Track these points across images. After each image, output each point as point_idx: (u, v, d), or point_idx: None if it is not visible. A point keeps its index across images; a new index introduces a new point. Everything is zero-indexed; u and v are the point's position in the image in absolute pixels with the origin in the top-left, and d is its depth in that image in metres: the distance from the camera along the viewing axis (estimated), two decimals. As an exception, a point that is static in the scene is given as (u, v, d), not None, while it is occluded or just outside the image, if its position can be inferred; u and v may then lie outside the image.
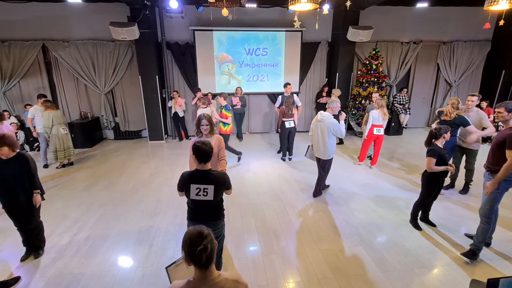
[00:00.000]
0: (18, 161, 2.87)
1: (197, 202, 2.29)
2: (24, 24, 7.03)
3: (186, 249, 1.34)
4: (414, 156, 6.40)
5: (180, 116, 7.73)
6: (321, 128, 4.17)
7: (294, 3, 3.23)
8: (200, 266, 1.35)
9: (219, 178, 2.28)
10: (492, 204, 2.95)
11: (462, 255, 3.12)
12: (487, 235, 3.04)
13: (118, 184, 5.12)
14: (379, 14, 7.81)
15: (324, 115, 4.16)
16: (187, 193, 2.30)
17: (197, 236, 1.34)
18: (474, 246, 3.07)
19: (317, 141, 4.27)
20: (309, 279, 2.85)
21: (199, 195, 2.25)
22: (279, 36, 7.83)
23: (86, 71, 7.50)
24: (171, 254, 3.22)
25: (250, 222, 3.87)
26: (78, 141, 7.26)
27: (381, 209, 4.19)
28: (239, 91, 7.57)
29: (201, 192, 2.24)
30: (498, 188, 2.87)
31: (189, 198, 2.32)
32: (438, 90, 9.02)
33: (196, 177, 2.26)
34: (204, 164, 2.26)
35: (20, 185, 2.90)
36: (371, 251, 3.26)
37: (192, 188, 2.24)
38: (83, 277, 2.89)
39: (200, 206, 2.33)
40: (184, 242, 1.36)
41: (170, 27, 7.46)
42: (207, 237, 1.35)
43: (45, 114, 5.48)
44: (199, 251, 1.30)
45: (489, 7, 3.55)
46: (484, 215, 3.00)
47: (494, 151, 2.91)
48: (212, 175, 2.26)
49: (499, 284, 1.77)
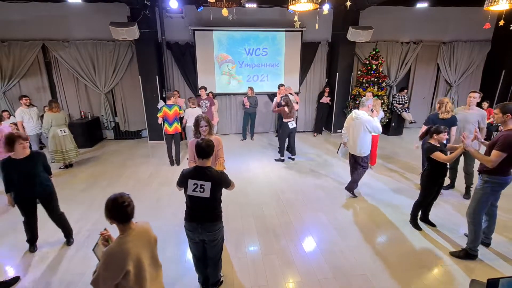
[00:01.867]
0: (36, 158, 3.04)
1: (194, 199, 2.32)
2: (24, 24, 7.03)
3: (112, 209, 1.65)
4: (414, 156, 6.40)
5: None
6: (356, 126, 4.20)
7: (294, 3, 3.23)
8: (124, 220, 1.67)
9: (216, 176, 2.32)
10: (475, 205, 2.96)
11: (451, 254, 3.15)
12: (476, 236, 3.01)
13: (118, 184, 5.12)
14: (379, 14, 7.81)
15: (359, 113, 4.21)
16: (186, 188, 2.34)
17: (120, 196, 1.68)
18: (467, 246, 3.10)
19: (352, 139, 4.32)
20: (309, 279, 2.85)
21: (196, 191, 2.29)
22: (279, 36, 7.83)
23: (86, 71, 7.49)
24: (171, 254, 3.22)
25: (250, 222, 3.87)
26: (78, 141, 7.19)
27: (381, 209, 4.19)
28: (250, 91, 7.55)
29: (198, 188, 2.28)
30: (483, 191, 2.89)
31: (186, 194, 2.36)
32: (438, 90, 9.02)
33: (195, 173, 2.31)
34: (203, 160, 2.31)
35: (38, 180, 3.06)
36: (371, 251, 3.26)
37: (189, 183, 2.29)
38: (83, 277, 2.89)
39: (197, 204, 2.35)
40: (109, 204, 1.66)
41: (170, 27, 7.45)
42: (128, 196, 1.70)
43: (45, 115, 5.53)
44: (124, 206, 1.65)
45: (489, 7, 3.55)
46: (468, 215, 3.05)
47: (487, 153, 2.88)
48: (210, 172, 2.30)
49: (499, 284, 1.77)
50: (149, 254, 1.72)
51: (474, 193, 3.01)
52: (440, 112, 4.26)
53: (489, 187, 2.88)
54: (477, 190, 2.98)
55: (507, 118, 2.75)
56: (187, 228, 2.47)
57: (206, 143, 2.26)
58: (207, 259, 2.59)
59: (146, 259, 1.68)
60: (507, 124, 2.80)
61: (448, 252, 3.20)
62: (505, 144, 2.67)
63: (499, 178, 2.84)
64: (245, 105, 7.50)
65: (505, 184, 2.88)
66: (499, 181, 2.85)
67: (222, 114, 8.27)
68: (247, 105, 7.47)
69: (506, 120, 2.77)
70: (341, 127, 4.88)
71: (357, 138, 4.23)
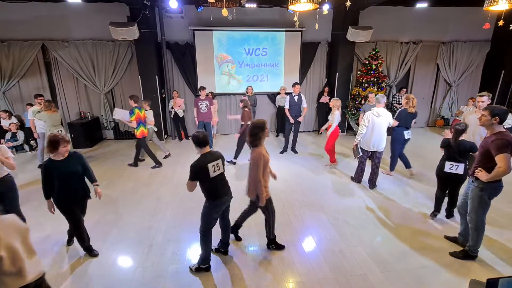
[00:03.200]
0: (75, 159, 3.06)
1: (216, 179, 2.72)
2: (23, 24, 7.02)
3: None
4: (414, 156, 6.38)
5: (180, 116, 7.73)
6: (382, 123, 4.48)
7: (294, 3, 3.23)
8: None
9: (218, 153, 2.80)
10: (475, 212, 2.90)
11: (450, 254, 3.15)
12: (479, 239, 2.98)
13: (118, 184, 5.12)
14: (379, 14, 7.82)
15: (381, 111, 4.46)
16: (205, 177, 2.64)
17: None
18: (467, 247, 3.09)
19: (378, 136, 4.51)
20: (309, 279, 2.85)
21: (215, 171, 2.69)
22: (279, 36, 7.83)
23: (86, 71, 7.49)
24: (171, 254, 3.22)
25: (250, 222, 3.86)
26: (78, 141, 7.26)
27: (381, 209, 4.19)
28: (250, 90, 7.54)
29: (216, 167, 2.69)
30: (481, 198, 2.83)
31: (208, 180, 2.67)
32: (438, 90, 9.03)
33: (207, 159, 2.67)
34: (204, 148, 2.70)
35: (80, 181, 3.11)
36: (371, 251, 3.26)
37: (209, 167, 2.64)
38: (83, 277, 2.89)
39: (219, 181, 2.78)
40: None
41: (170, 27, 7.45)
42: None
43: (41, 114, 5.49)
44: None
45: (488, 7, 3.56)
46: (470, 222, 3.00)
47: (479, 159, 2.84)
48: (215, 153, 2.77)
49: (499, 284, 1.77)
50: (21, 242, 1.86)
51: (472, 200, 2.92)
52: (408, 107, 4.84)
53: (486, 194, 2.81)
54: (474, 197, 2.89)
55: (495, 121, 2.67)
56: (222, 203, 2.83)
57: (202, 134, 2.68)
58: (225, 224, 3.09)
59: (18, 246, 1.83)
60: (493, 128, 2.70)
61: (447, 252, 3.20)
62: (502, 145, 2.58)
63: (494, 185, 2.78)
64: None
65: (500, 189, 2.82)
66: (495, 187, 2.79)
67: (222, 114, 8.26)
68: None
69: (493, 124, 2.68)
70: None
71: (383, 134, 4.52)
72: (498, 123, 2.67)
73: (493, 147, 2.63)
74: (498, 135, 2.65)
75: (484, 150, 2.77)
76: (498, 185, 2.80)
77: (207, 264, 2.93)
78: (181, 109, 7.70)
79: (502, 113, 2.65)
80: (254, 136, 2.80)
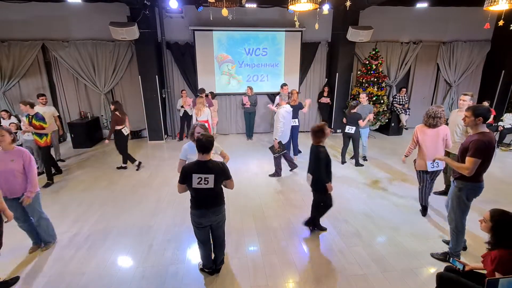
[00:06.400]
0: None
1: (199, 190, 2.50)
2: (23, 24, 7.03)
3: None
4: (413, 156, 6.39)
5: (189, 114, 7.48)
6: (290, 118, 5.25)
7: (294, 3, 3.23)
8: None
9: (217, 168, 2.50)
10: (455, 213, 2.90)
11: (431, 255, 3.14)
12: (458, 242, 2.97)
13: (118, 184, 5.12)
14: (379, 14, 7.82)
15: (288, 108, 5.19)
16: (189, 183, 2.47)
17: None
18: (448, 250, 3.08)
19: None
20: (309, 279, 2.85)
21: (200, 184, 2.46)
22: (279, 36, 7.84)
23: (86, 71, 7.50)
24: (171, 254, 3.22)
25: (250, 222, 3.87)
26: (78, 141, 7.26)
27: (381, 209, 4.19)
28: (249, 90, 7.55)
29: (202, 181, 2.45)
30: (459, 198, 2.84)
31: (191, 188, 2.50)
32: (438, 90, 9.03)
33: (197, 168, 2.46)
34: (204, 155, 2.47)
35: None
36: (371, 251, 3.26)
37: (193, 177, 2.44)
38: (83, 277, 2.89)
39: (203, 194, 2.54)
40: None
41: (170, 27, 7.45)
42: None
43: None
44: None
45: (489, 7, 3.55)
46: (450, 222, 3.01)
47: (459, 157, 2.82)
48: (212, 165, 2.48)
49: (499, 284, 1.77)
50: None
51: (451, 200, 2.93)
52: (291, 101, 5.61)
53: (463, 194, 2.81)
54: (453, 197, 2.90)
55: (479, 121, 2.62)
56: (196, 215, 2.61)
57: (207, 139, 2.42)
58: (214, 240, 2.82)
59: None
60: (478, 127, 2.67)
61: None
62: (478, 149, 2.56)
63: (473, 185, 2.77)
64: (245, 104, 7.50)
65: (479, 189, 2.81)
66: (473, 187, 2.78)
67: (222, 114, 8.26)
68: (248, 104, 7.46)
69: (477, 124, 2.64)
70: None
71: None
72: (482, 122, 2.65)
73: (471, 146, 2.62)
74: (481, 136, 2.62)
75: (463, 148, 2.75)
76: (477, 185, 2.78)
77: (208, 269, 2.89)
78: (190, 108, 7.62)
79: (485, 112, 2.62)
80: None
